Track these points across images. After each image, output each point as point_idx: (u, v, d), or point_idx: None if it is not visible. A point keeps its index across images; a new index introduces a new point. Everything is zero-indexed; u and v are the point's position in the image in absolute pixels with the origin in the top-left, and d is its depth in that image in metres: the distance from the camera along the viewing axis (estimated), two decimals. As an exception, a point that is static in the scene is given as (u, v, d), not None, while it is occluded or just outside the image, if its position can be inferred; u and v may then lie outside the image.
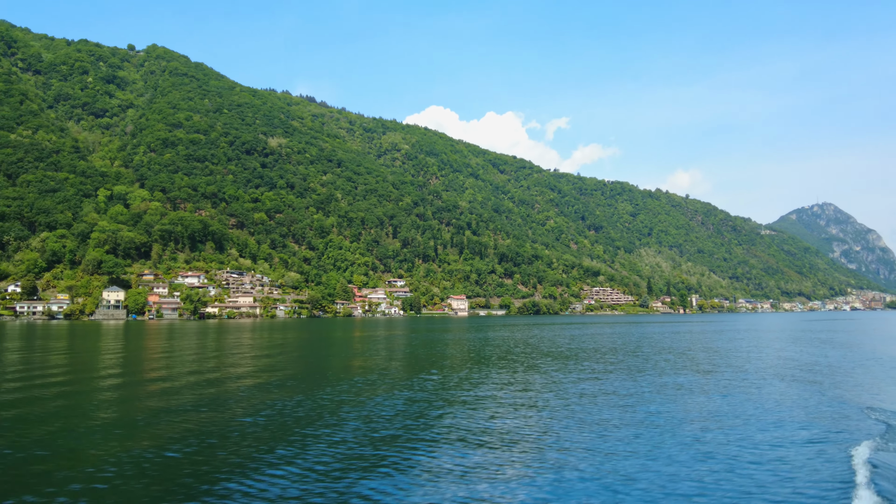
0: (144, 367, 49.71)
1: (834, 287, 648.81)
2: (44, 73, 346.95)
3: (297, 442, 22.04)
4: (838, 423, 25.14)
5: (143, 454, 20.15)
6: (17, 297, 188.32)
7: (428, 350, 69.34)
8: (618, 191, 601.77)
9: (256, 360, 58.18)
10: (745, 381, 38.20)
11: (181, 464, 19.06)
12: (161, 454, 20.19)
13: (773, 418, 26.11)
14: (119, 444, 21.44)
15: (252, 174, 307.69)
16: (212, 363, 53.34)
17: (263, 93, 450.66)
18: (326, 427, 24.47)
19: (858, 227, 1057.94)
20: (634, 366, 48.69)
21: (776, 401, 30.63)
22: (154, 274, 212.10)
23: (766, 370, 44.97)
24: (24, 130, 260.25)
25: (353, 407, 29.22)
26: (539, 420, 26.01)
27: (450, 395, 33.49)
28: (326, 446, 21.40)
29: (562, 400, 31.11)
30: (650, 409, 28.73)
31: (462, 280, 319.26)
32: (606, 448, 20.95)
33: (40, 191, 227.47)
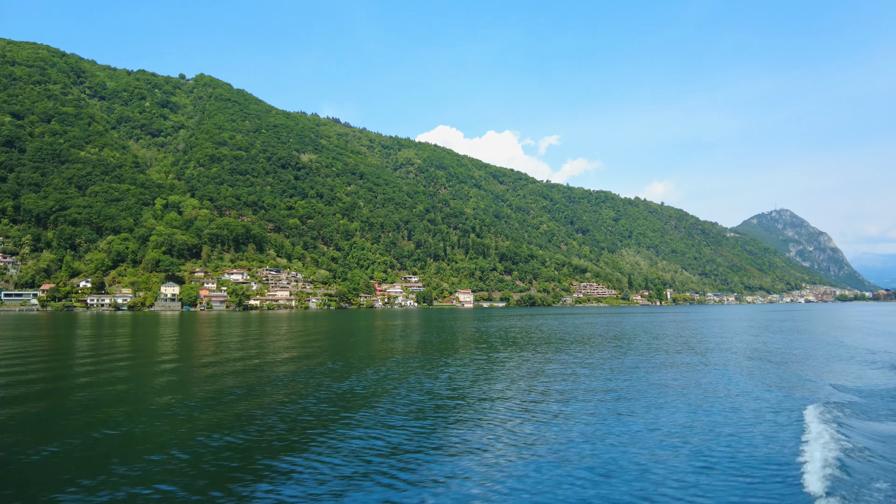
0: (200, 351, 50.15)
1: (790, 282, 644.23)
2: (108, 98, 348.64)
3: (353, 418, 21.75)
4: (794, 392, 26.24)
5: (201, 432, 19.49)
6: (88, 291, 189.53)
7: (465, 335, 69.66)
8: (602, 199, 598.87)
9: (304, 344, 58.54)
10: (725, 360, 39.09)
11: (238, 442, 18.30)
12: (219, 432, 19.41)
13: (741, 388, 27.35)
14: (178, 424, 20.76)
15: (287, 185, 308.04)
16: (265, 346, 53.81)
17: (295, 115, 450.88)
18: (381, 403, 24.70)
19: (811, 229, 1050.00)
20: (645, 348, 49.03)
21: (746, 375, 31.75)
22: (204, 271, 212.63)
23: (742, 351, 45.89)
24: (91, 148, 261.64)
25: (398, 383, 29.70)
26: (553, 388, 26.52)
27: (506, 374, 33.85)
28: (382, 421, 21.63)
29: (589, 376, 31.66)
30: (653, 379, 29.18)
31: (468, 276, 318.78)
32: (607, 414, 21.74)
33: (106, 200, 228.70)
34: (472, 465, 15.80)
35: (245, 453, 17.08)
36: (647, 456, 16.34)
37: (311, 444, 17.90)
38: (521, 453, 16.79)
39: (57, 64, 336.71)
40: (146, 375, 33.21)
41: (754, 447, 17.16)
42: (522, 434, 18.94)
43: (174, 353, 48.19)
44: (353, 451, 17.17)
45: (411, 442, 18.16)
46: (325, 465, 15.86)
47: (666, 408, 22.80)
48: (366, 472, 15.30)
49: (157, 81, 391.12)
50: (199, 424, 20.74)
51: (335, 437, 18.84)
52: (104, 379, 31.25)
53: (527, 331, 78.20)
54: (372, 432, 19.33)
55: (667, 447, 17.23)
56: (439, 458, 16.39)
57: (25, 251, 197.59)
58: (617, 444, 17.53)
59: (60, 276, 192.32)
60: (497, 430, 19.32)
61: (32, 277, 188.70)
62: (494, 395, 26.28)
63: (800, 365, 36.52)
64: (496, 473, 15.01)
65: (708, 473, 14.90)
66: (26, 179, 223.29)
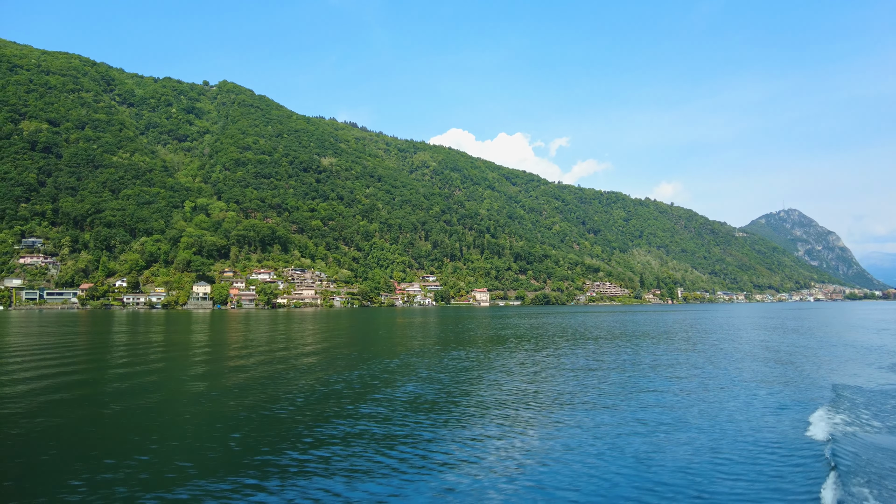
0: (235, 344, 52.53)
1: (799, 281, 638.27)
2: (136, 105, 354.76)
3: (384, 400, 23.33)
4: (804, 393, 25.32)
5: (232, 416, 20.53)
6: (124, 290, 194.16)
7: (491, 331, 71.89)
8: (613, 199, 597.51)
9: (338, 337, 61.28)
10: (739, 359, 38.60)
11: (271, 424, 19.26)
12: (254, 415, 20.54)
13: (751, 387, 26.67)
14: (209, 411, 21.56)
15: (309, 188, 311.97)
16: (315, 341, 56.36)
17: (315, 120, 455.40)
18: (409, 387, 26.81)
19: (820, 229, 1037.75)
20: (690, 347, 50.89)
21: (755, 373, 31.23)
22: (233, 271, 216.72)
23: (755, 351, 44.78)
24: (123, 153, 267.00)
25: (426, 370, 32.02)
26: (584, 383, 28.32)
27: (534, 367, 35.78)
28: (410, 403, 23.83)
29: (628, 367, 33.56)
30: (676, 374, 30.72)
31: (483, 276, 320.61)
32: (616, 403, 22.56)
33: (138, 203, 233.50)
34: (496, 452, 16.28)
35: (278, 434, 18.09)
36: (657, 452, 16.02)
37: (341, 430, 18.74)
38: (531, 444, 16.91)
39: (88, 72, 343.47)
40: (188, 366, 35.13)
41: (764, 445, 16.71)
42: (536, 424, 19.31)
43: (208, 347, 50.91)
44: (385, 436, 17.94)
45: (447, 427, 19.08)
46: (358, 452, 16.47)
47: (679, 405, 22.41)
48: (400, 457, 15.74)
49: (183, 88, 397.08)
50: (228, 405, 22.46)
51: (376, 422, 19.89)
52: (150, 370, 32.76)
53: (562, 328, 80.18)
54: (413, 421, 20.06)
55: (676, 444, 16.86)
56: (462, 446, 16.90)
57: (65, 252, 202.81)
58: (634, 441, 17.27)
59: (97, 276, 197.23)
60: (516, 424, 19.50)
61: (72, 277, 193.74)
62: (539, 389, 28.21)
63: (816, 363, 36.05)
64: (512, 463, 15.29)
65: (716, 470, 14.57)
66: (63, 184, 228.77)
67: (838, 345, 49.66)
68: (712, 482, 13.66)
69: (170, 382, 28.85)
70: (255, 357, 41.30)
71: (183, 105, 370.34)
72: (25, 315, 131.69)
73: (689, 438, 17.42)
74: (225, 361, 38.93)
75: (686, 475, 14.07)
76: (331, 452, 16.04)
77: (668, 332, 67.46)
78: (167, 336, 65.37)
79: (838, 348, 46.42)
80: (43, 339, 57.40)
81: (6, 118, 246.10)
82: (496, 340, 56.58)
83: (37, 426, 18.99)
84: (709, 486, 13.39)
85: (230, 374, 32.33)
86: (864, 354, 41.60)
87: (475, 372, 32.27)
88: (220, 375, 31.62)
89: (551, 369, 33.21)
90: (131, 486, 13.46)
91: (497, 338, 60.30)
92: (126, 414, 21.24)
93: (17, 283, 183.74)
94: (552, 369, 33.20)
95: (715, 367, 34.20)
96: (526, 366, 34.97)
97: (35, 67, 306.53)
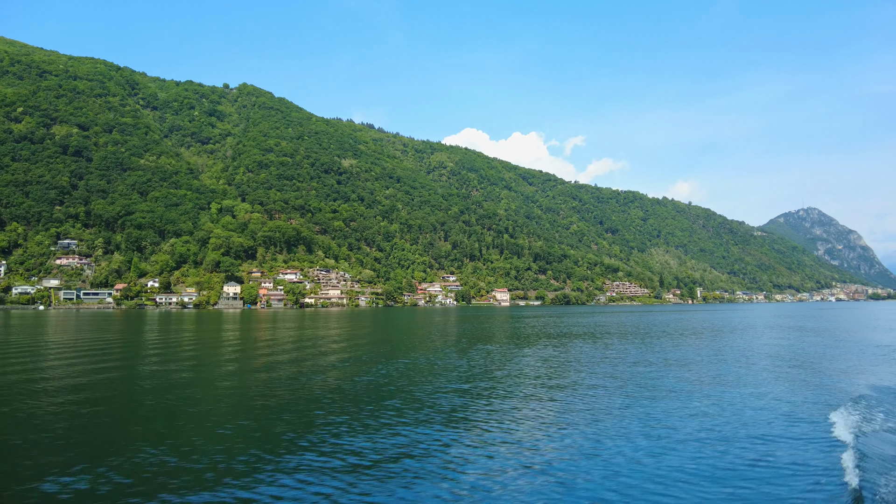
0: (287, 341, 55.51)
1: (820, 281, 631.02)
2: (159, 108, 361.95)
3: (428, 386, 25.63)
4: (829, 394, 25.06)
5: (261, 408, 22.10)
6: (156, 290, 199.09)
7: (541, 329, 74.21)
8: (630, 199, 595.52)
9: (376, 333, 64.06)
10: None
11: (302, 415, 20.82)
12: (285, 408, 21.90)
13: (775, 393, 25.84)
14: (239, 405, 22.99)
15: (330, 190, 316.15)
16: (340, 336, 59.12)
17: (334, 122, 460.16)
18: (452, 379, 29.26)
19: (840, 228, 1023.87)
20: (729, 345, 52.80)
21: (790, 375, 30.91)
22: (260, 271, 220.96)
23: (786, 353, 43.51)
24: (150, 156, 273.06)
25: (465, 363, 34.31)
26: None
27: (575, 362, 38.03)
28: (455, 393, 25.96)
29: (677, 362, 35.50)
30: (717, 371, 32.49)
31: (503, 276, 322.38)
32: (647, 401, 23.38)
33: (166, 205, 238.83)
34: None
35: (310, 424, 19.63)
36: (672, 454, 16.10)
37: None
38: (548, 445, 17.24)
39: (113, 77, 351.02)
40: (208, 365, 36.36)
41: (784, 448, 16.64)
42: (551, 422, 20.07)
43: (239, 344, 53.89)
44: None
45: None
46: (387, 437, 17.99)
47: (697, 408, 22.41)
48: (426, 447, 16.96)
49: (204, 91, 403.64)
50: (258, 398, 24.24)
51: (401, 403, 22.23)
52: (175, 368, 34.30)
53: (604, 327, 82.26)
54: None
55: (695, 446, 16.92)
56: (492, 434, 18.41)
57: (98, 253, 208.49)
58: (655, 440, 17.49)
59: (130, 277, 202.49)
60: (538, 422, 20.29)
61: (106, 277, 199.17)
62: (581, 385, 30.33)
63: (848, 364, 35.51)
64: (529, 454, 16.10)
65: (733, 472, 14.54)
66: (94, 186, 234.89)
67: (869, 346, 48.44)
68: (743, 483, 13.57)
69: (234, 376, 31.63)
70: (309, 350, 44.26)
71: (205, 108, 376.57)
72: (64, 314, 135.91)
73: (710, 438, 17.52)
74: (280, 355, 41.94)
75: (708, 477, 13.89)
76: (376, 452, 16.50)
77: (713, 330, 69.30)
78: (217, 334, 68.56)
79: (870, 349, 45.39)
80: (90, 337, 60.95)
81: (38, 123, 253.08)
82: (564, 336, 58.97)
83: (89, 417, 20.68)
84: (736, 488, 13.29)
85: (285, 365, 35.32)
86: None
87: (561, 376, 33.61)
88: (278, 366, 34.50)
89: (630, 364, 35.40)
90: (164, 475, 14.29)
91: (562, 335, 62.66)
92: (189, 400, 23.68)
93: (54, 284, 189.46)
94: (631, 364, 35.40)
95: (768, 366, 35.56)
96: (612, 361, 37.21)
97: (63, 73, 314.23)
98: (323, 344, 52.03)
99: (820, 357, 40.21)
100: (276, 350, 46.34)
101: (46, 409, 21.86)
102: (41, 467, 14.91)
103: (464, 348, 46.47)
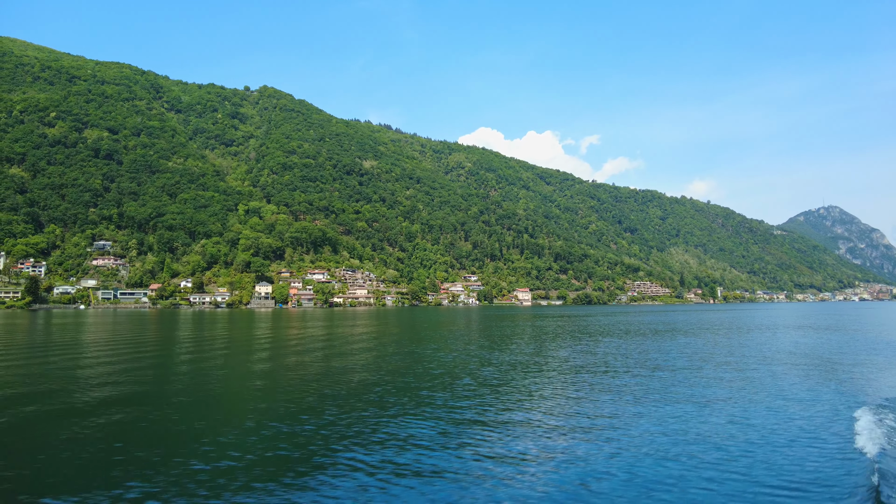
0: (347, 337, 58.99)
1: (843, 280, 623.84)
2: (183, 111, 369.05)
3: (473, 382, 27.71)
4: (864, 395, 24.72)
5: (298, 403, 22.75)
6: (190, 290, 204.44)
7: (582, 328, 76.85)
8: (648, 198, 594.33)
9: (420, 331, 67.21)
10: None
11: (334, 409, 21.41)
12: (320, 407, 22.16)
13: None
14: (271, 403, 23.21)
15: (353, 191, 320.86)
16: (376, 333, 62.27)
17: (353, 123, 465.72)
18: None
19: (863, 226, 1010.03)
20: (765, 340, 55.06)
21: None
22: (289, 272, 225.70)
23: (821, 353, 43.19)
24: (177, 159, 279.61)
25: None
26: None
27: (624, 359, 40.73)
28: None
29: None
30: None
31: (524, 276, 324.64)
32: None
33: (195, 206, 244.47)
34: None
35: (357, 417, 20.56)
36: (692, 459, 15.71)
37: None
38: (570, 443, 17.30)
39: (139, 81, 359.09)
40: (241, 362, 37.29)
41: (808, 451, 16.36)
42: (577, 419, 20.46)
43: (330, 338, 57.30)
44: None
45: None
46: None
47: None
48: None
49: (226, 94, 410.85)
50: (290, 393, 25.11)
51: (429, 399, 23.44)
52: (211, 366, 35.09)
53: (640, 325, 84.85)
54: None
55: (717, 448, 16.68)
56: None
57: (132, 254, 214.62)
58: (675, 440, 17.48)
59: (163, 277, 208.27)
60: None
61: (140, 278, 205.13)
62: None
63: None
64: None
65: (754, 475, 14.37)
66: (126, 189, 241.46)
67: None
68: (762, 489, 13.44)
69: (300, 367, 34.73)
70: (360, 343, 47.76)
71: (227, 111, 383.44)
72: (103, 314, 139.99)
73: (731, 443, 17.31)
74: (336, 349, 45.47)
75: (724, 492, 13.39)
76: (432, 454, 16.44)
77: (757, 327, 71.70)
78: (264, 332, 72.29)
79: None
80: (140, 335, 64.93)
81: (71, 127, 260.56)
82: (612, 333, 62.02)
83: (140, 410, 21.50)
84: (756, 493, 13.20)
85: (345, 356, 38.55)
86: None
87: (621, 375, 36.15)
88: (338, 356, 37.51)
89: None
90: (201, 471, 14.57)
91: (607, 332, 65.69)
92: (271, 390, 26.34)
93: (92, 284, 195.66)
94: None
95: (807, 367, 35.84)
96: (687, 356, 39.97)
97: (91, 77, 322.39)
98: (387, 341, 55.59)
99: (863, 357, 39.70)
100: (337, 343, 49.98)
101: (112, 398, 23.54)
102: (90, 461, 15.33)
103: (538, 349, 49.35)
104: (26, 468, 14.83)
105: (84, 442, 17.08)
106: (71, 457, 15.60)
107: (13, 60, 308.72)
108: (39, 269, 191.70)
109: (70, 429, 18.58)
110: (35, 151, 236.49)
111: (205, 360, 37.20)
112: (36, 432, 18.26)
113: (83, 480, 13.88)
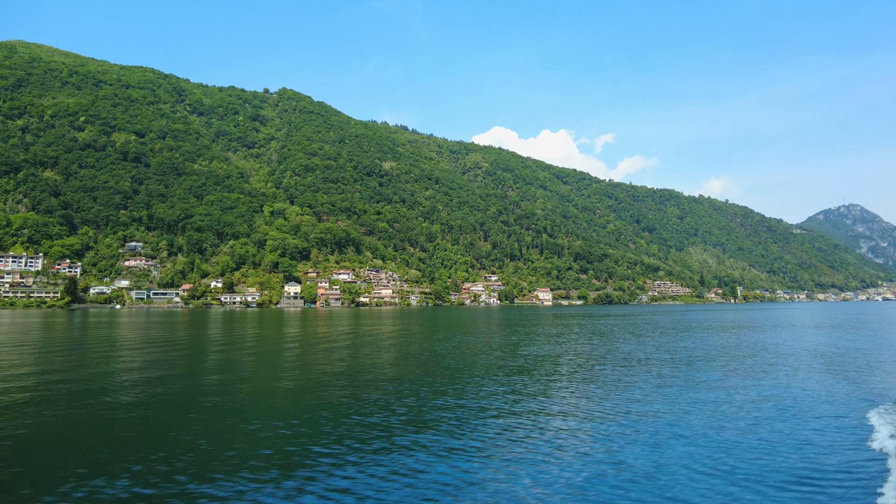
0: (380, 335, 61.47)
1: (865, 279, 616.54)
2: (205, 114, 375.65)
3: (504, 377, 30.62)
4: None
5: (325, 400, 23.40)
6: (220, 290, 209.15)
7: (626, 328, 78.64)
8: (666, 197, 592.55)
9: (460, 332, 69.53)
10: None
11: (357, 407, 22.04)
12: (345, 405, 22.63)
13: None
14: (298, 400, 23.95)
15: (373, 192, 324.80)
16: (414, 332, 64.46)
17: (371, 124, 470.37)
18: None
19: (885, 225, 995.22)
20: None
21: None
22: (316, 272, 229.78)
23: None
24: (202, 161, 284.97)
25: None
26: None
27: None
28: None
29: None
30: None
31: (544, 275, 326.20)
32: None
33: (221, 208, 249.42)
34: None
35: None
36: (712, 457, 15.92)
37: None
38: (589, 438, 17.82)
39: (162, 84, 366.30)
40: (269, 362, 38.34)
41: (824, 449, 16.50)
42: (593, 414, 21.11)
43: (371, 335, 59.99)
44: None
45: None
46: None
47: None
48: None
49: (247, 96, 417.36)
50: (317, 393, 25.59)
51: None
52: (242, 360, 38.64)
53: (668, 323, 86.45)
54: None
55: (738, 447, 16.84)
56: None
57: (163, 255, 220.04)
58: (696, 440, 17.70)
59: (193, 277, 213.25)
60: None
61: (171, 278, 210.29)
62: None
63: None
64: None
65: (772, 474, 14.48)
66: (154, 191, 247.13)
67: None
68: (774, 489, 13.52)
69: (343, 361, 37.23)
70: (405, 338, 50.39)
71: (248, 113, 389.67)
72: (138, 313, 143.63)
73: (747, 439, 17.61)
74: (376, 345, 48.20)
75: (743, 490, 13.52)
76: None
77: (784, 325, 73.22)
78: (300, 329, 75.42)
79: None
80: (181, 333, 68.39)
81: (99, 131, 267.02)
82: (633, 334, 64.19)
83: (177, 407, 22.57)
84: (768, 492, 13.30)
85: (387, 351, 40.97)
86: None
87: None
88: (382, 351, 39.79)
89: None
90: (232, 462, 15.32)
91: (630, 332, 67.84)
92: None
93: (125, 284, 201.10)
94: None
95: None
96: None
97: (116, 82, 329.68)
98: (441, 337, 58.47)
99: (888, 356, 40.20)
100: (407, 340, 52.92)
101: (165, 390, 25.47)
102: (124, 453, 16.22)
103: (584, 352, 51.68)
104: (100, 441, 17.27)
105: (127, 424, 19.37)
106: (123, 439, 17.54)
107: (42, 66, 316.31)
108: (75, 270, 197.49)
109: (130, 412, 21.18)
110: (67, 155, 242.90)
111: (270, 354, 40.24)
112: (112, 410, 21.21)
113: (131, 460, 15.36)
